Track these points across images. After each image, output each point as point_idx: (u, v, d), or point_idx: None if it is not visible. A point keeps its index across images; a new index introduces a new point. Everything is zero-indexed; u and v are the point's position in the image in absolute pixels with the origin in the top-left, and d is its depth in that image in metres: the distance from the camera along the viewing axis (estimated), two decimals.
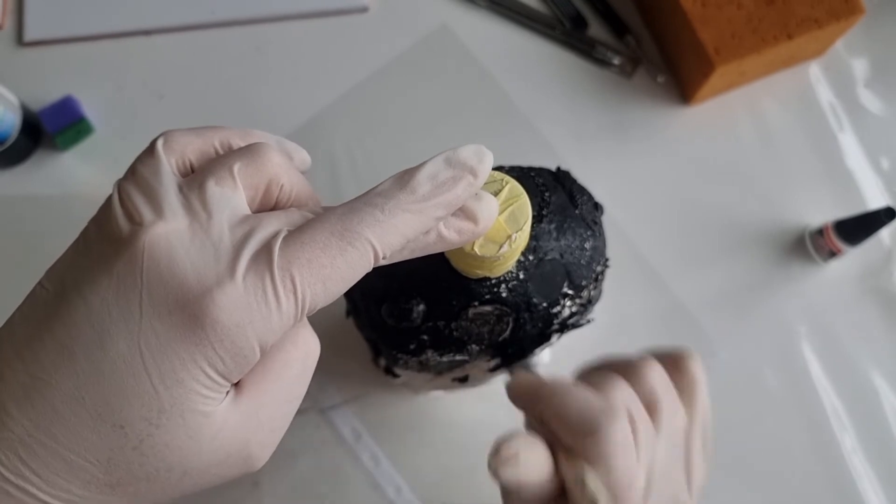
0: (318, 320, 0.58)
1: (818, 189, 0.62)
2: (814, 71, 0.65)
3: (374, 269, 0.29)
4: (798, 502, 0.56)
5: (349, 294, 0.41)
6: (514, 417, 0.56)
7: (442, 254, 0.33)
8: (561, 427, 0.30)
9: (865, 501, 0.55)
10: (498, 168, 0.38)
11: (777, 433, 0.57)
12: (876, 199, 0.62)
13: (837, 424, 0.57)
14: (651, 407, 0.32)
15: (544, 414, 0.31)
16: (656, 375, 0.32)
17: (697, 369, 0.34)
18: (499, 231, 0.29)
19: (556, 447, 0.30)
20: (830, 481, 0.56)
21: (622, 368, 0.33)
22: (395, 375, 0.44)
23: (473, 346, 0.36)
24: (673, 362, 0.34)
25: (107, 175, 0.61)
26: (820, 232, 0.58)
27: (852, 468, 0.56)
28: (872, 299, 0.60)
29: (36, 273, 0.63)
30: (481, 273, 0.33)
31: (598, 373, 0.32)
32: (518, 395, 0.33)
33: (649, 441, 0.31)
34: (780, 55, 0.60)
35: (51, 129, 0.60)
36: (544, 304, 0.36)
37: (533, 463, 0.29)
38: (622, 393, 0.31)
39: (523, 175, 0.39)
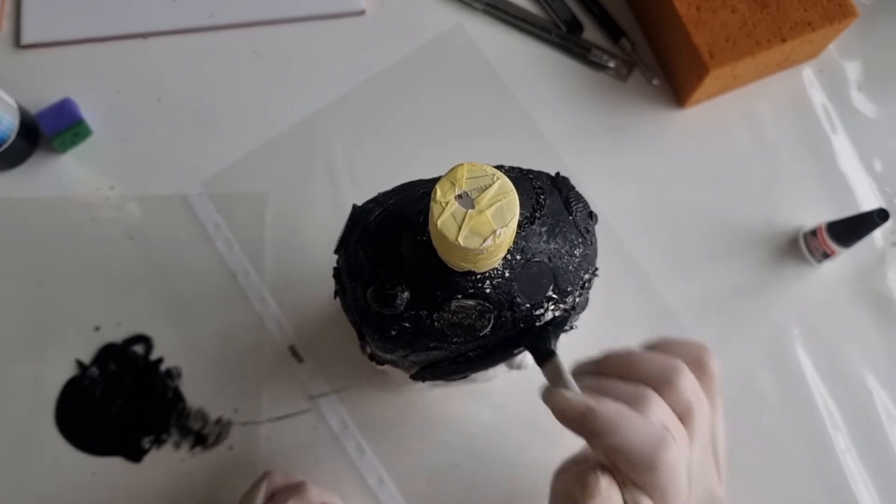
0: (313, 310, 0.59)
1: (812, 191, 0.62)
2: (807, 74, 0.65)
3: (364, 252, 0.31)
4: (792, 502, 0.56)
5: (338, 275, 0.41)
6: (502, 418, 0.57)
7: (431, 244, 0.33)
8: (619, 459, 0.32)
9: (859, 501, 0.56)
10: (498, 167, 0.38)
11: (771, 434, 0.57)
12: (869, 201, 0.62)
13: (831, 424, 0.57)
14: (686, 416, 0.33)
15: (599, 446, 0.33)
16: (690, 385, 0.34)
17: (717, 366, 0.36)
18: (484, 225, 0.30)
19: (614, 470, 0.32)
20: (824, 481, 0.56)
21: (655, 380, 0.34)
22: (380, 362, 0.45)
23: (454, 338, 0.36)
24: (695, 361, 0.36)
25: (105, 177, 0.61)
26: (813, 233, 0.58)
27: (846, 468, 0.56)
28: (866, 300, 0.60)
29: (34, 275, 0.63)
30: (466, 266, 0.33)
31: (632, 387, 0.34)
32: (566, 422, 0.34)
33: (686, 452, 0.33)
34: (773, 58, 0.60)
35: (49, 131, 0.60)
36: (527, 305, 0.36)
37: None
38: (661, 412, 0.32)
39: (522, 176, 0.39)
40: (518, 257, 0.35)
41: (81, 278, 0.59)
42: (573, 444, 0.56)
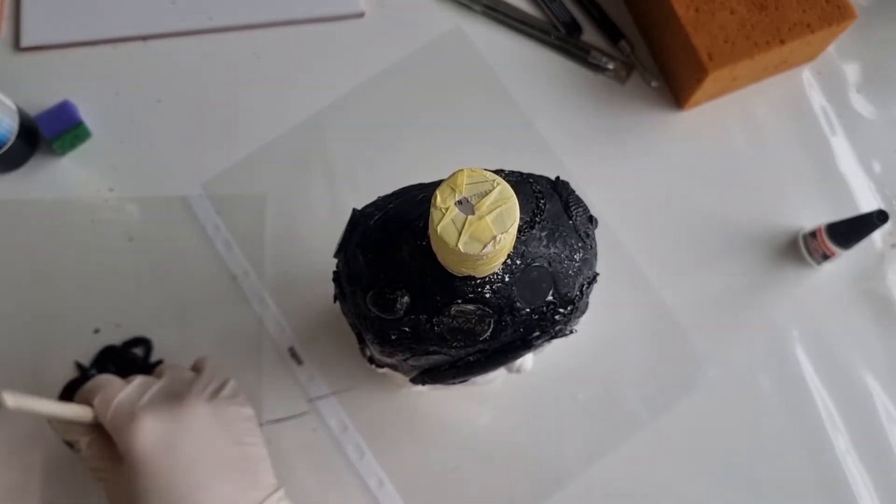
0: (312, 311, 0.59)
1: (811, 193, 0.62)
2: (806, 76, 0.65)
3: (364, 256, 0.37)
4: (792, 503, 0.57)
5: (338, 279, 0.41)
6: (501, 420, 0.57)
7: (430, 248, 0.33)
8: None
9: (858, 502, 0.56)
10: (498, 171, 0.38)
11: (771, 435, 0.57)
12: (868, 202, 0.62)
13: (831, 426, 0.57)
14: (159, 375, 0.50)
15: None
16: (165, 364, 0.53)
17: (203, 361, 0.54)
18: (484, 231, 0.30)
19: None
20: (824, 482, 0.56)
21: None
22: (379, 366, 0.45)
23: (453, 343, 0.37)
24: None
25: (104, 180, 0.61)
26: (813, 235, 0.58)
27: (846, 469, 0.56)
28: (865, 301, 0.60)
29: (34, 277, 0.63)
30: (466, 271, 0.33)
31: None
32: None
33: (146, 379, 0.49)
34: (772, 60, 0.60)
35: (48, 133, 0.60)
36: (527, 310, 0.36)
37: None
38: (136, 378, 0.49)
39: (522, 180, 0.39)
40: (518, 262, 0.35)
41: (81, 280, 0.59)
42: (572, 443, 0.57)
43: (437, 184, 0.35)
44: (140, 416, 0.45)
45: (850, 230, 0.55)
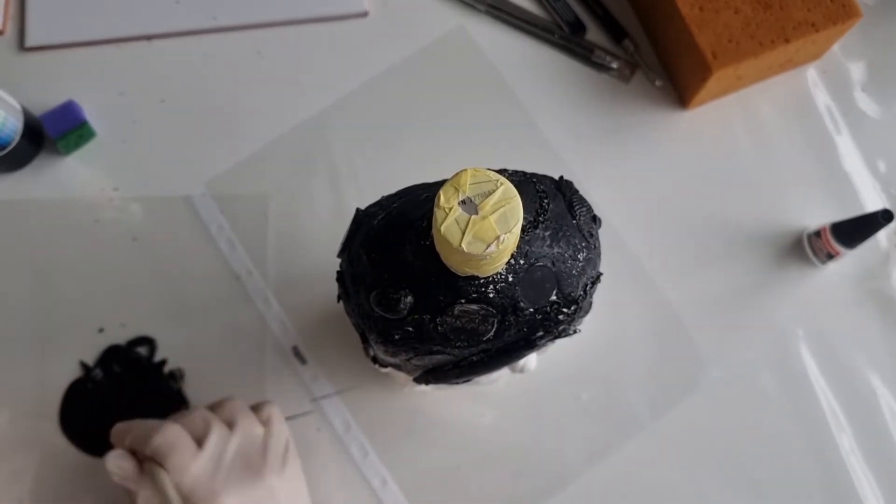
0: (316, 311, 0.59)
1: (815, 192, 0.62)
2: (811, 74, 0.65)
3: (367, 256, 0.37)
4: (796, 503, 0.57)
5: (341, 279, 0.41)
6: (503, 420, 0.57)
7: (434, 248, 0.33)
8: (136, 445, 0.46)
9: (863, 502, 0.56)
10: (501, 171, 0.38)
11: (775, 435, 0.57)
12: (873, 202, 0.62)
13: (835, 425, 0.57)
14: (230, 422, 0.48)
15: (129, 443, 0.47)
16: (235, 405, 0.49)
17: (271, 409, 0.51)
18: (488, 231, 0.30)
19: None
20: (829, 482, 0.56)
21: (214, 405, 0.50)
22: (383, 365, 0.45)
23: (457, 343, 0.37)
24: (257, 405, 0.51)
25: (108, 179, 0.61)
26: (817, 234, 0.58)
27: (850, 469, 0.56)
28: (870, 301, 0.60)
29: (38, 277, 0.63)
30: (469, 271, 0.33)
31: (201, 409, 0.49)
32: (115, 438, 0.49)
33: (221, 437, 0.46)
34: (777, 59, 0.60)
35: (53, 133, 0.60)
36: (531, 310, 0.36)
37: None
38: (199, 413, 0.48)
39: (525, 180, 0.39)
40: (521, 262, 0.35)
41: (85, 280, 0.59)
42: (575, 443, 0.57)
43: (440, 183, 0.35)
44: (223, 500, 0.44)
45: (855, 230, 0.55)
